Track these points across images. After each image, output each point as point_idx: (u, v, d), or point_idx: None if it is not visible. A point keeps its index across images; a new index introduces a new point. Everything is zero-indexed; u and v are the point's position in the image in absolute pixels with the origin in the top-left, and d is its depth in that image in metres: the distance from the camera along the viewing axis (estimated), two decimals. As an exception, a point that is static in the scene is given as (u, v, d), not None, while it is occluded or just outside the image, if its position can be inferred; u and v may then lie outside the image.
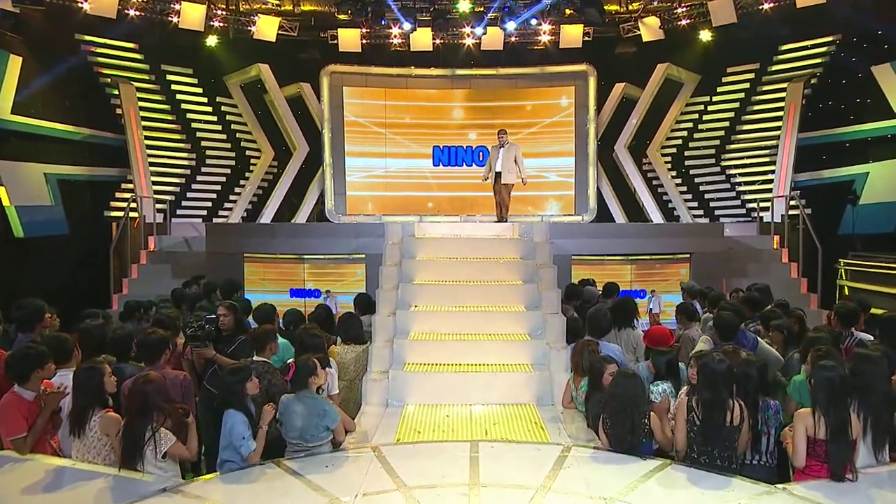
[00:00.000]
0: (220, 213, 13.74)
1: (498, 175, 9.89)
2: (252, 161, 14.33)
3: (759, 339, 5.26)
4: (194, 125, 13.74)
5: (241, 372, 4.13)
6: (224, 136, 14.09)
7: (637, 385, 4.07)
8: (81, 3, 11.97)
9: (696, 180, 14.08)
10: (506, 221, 9.69)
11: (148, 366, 4.49)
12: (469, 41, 14.24)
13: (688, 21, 13.54)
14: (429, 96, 14.40)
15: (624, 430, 4.06)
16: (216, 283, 7.45)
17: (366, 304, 6.93)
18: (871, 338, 5.23)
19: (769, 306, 6.41)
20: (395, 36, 14.14)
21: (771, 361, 4.80)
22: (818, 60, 12.73)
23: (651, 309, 9.19)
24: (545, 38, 14.19)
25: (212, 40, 13.71)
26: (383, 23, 13.56)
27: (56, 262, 10.78)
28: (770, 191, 12.55)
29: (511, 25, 13.31)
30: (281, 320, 6.18)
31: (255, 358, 4.75)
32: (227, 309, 5.49)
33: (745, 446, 3.95)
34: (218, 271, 9.09)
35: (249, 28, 13.75)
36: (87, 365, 4.04)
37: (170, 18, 13.05)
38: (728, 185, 13.63)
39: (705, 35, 13.61)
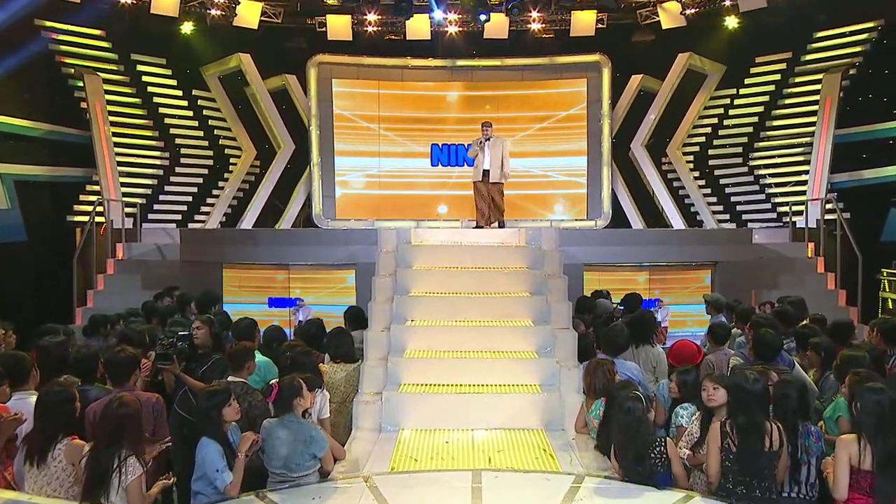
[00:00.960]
0: (196, 217, 13.74)
1: (486, 174, 9.86)
2: (232, 160, 14.35)
3: (795, 361, 5.24)
4: (168, 121, 13.77)
5: (219, 395, 4.09)
6: (201, 133, 14.11)
7: (637, 408, 4.04)
8: (42, -16, 12.02)
9: (722, 182, 14.10)
10: (503, 227, 9.70)
11: (116, 388, 4.45)
12: (450, 28, 14.31)
13: (712, 6, 13.59)
14: (426, 89, 14.44)
15: (628, 460, 4.04)
16: (191, 296, 7.43)
17: (357, 318, 6.91)
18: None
19: (804, 321, 6.40)
20: (384, 23, 14.23)
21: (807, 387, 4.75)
22: (857, 49, 12.76)
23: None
24: (554, 27, 14.27)
25: (187, 27, 13.76)
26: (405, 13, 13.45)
27: (12, 272, 10.76)
28: (804, 193, 12.58)
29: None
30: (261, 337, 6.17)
31: (231, 378, 4.72)
32: (203, 322, 5.47)
33: (784, 475, 3.92)
34: (193, 282, 9.08)
35: (229, 14, 13.81)
36: (58, 388, 4.00)
37: (141, 3, 13.09)
38: (757, 187, 13.65)
39: (731, 21, 13.67)
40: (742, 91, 14.15)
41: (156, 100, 13.72)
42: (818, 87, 12.96)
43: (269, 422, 4.21)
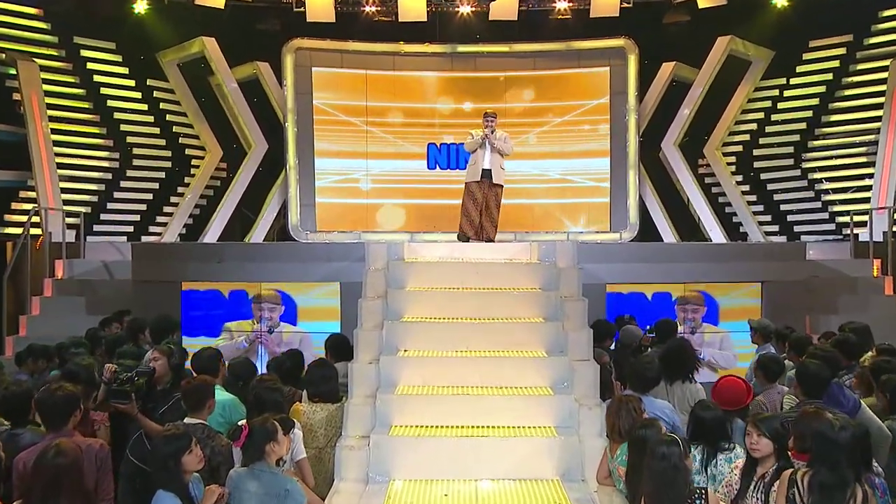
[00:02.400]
0: (151, 230, 13.77)
1: (486, 174, 9.82)
2: (193, 162, 14.40)
3: (861, 401, 5.22)
4: (117, 116, 13.84)
5: (178, 440, 4.07)
6: (156, 130, 14.17)
7: (673, 454, 4.03)
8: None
9: (770, 187, 14.15)
10: (492, 241, 9.73)
11: (52, 432, 4.43)
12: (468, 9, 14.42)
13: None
14: (423, 79, 14.53)
15: None
16: (144, 322, 7.42)
17: (340, 347, 6.90)
18: None
19: (869, 352, 6.39)
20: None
21: (873, 432, 4.71)
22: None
23: None
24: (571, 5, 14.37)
25: (141, 6, 13.86)
26: None
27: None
28: (868, 200, 12.60)
29: None
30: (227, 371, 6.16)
31: (188, 420, 4.72)
32: (161, 353, 5.47)
33: None
34: (147, 306, 9.06)
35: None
36: None
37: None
38: (811, 194, 13.69)
39: (780, -1, 13.80)
40: (793, 81, 14.23)
41: (103, 91, 13.80)
42: (884, 75, 12.99)
43: (237, 472, 4.20)
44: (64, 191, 12.67)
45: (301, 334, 9.73)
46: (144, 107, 14.13)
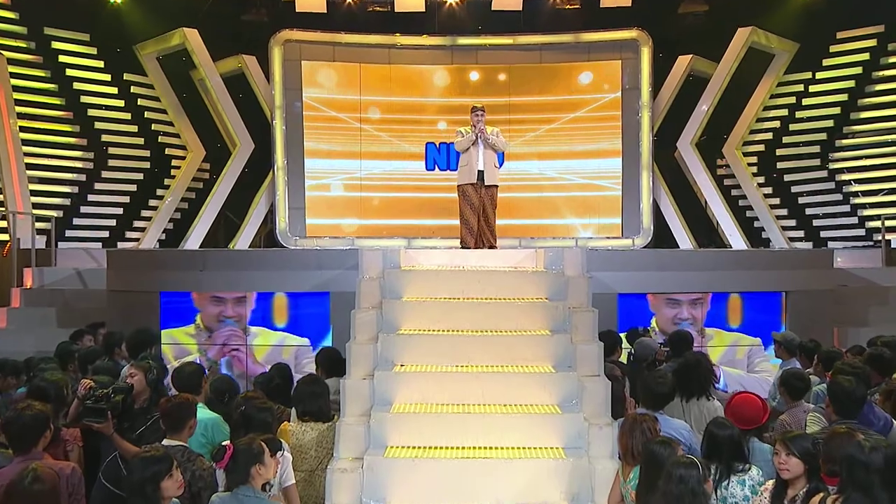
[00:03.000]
0: (128, 235, 13.79)
1: (480, 176, 9.71)
2: (174, 163, 14.42)
3: (893, 419, 5.22)
4: (92, 112, 13.88)
5: (157, 464, 4.06)
6: (134, 128, 14.19)
7: (691, 477, 4.01)
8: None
9: (794, 189, 14.17)
10: (494, 247, 9.71)
11: (20, 455, 4.42)
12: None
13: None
14: (420, 74, 14.56)
15: None
16: (121, 335, 7.41)
17: (332, 362, 6.89)
18: None
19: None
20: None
21: None
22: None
23: None
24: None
25: (118, -5, 13.92)
26: None
27: None
28: (900, 203, 12.69)
29: None
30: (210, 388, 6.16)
31: (166, 442, 4.71)
32: (139, 369, 5.45)
33: None
34: (123, 318, 9.06)
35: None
36: None
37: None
38: (839, 196, 13.72)
39: (806, -13, 13.85)
40: (820, 75, 14.27)
41: (77, 86, 13.83)
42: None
43: (220, 497, 4.19)
44: (34, 193, 12.68)
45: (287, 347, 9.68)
46: (121, 103, 14.15)
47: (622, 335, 8.35)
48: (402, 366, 6.54)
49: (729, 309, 9.81)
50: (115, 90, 14.12)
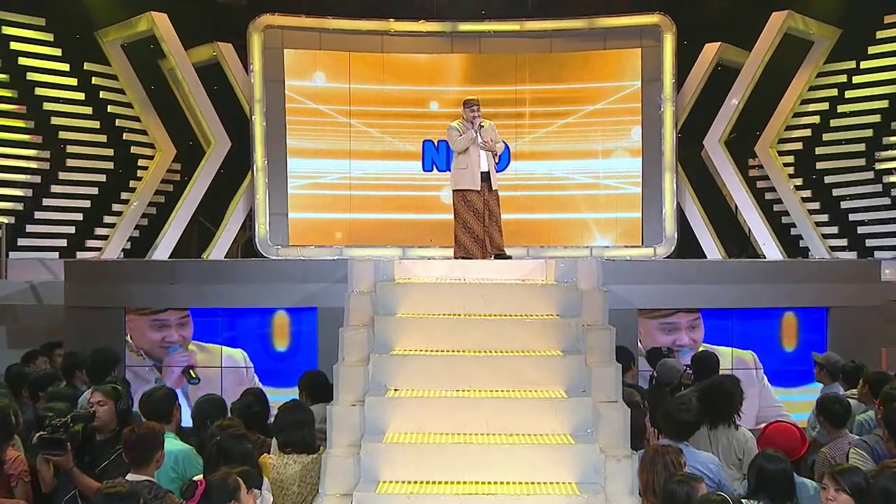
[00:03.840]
0: (89, 244, 13.79)
1: (484, 178, 9.69)
2: (140, 163, 14.42)
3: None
4: (48, 106, 13.91)
5: (123, 501, 4.07)
6: (96, 124, 14.21)
7: None
8: None
9: (836, 192, 14.18)
10: (506, 256, 9.71)
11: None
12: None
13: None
14: (417, 64, 14.62)
15: None
16: (80, 357, 7.42)
17: (317, 387, 6.91)
18: None
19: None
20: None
21: None
22: None
23: None
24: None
25: (78, -25, 13.96)
26: None
27: None
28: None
29: None
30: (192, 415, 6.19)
31: (131, 476, 4.72)
32: (106, 396, 5.47)
33: None
34: (83, 337, 9.08)
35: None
36: None
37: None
38: (887, 201, 13.75)
39: (848, -34, 13.88)
40: (864, 64, 14.28)
41: (31, 76, 13.85)
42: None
43: (190, 537, 4.21)
44: (-17, 197, 12.76)
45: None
46: (81, 96, 14.17)
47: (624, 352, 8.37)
48: (396, 390, 6.53)
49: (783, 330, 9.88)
50: (74, 81, 14.13)
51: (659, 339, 9.63)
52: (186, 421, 6.29)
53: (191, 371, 9.83)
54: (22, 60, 13.80)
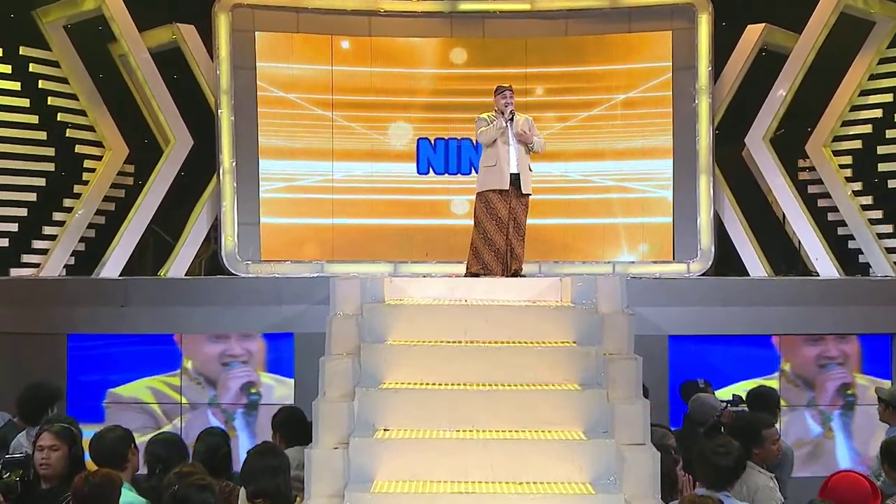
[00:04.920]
0: (24, 259, 13.76)
1: (514, 180, 9.60)
2: (87, 164, 14.41)
3: None
4: (-23, 98, 13.94)
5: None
6: (34, 119, 14.17)
7: None
8: None
9: (903, 199, 14.21)
10: (521, 275, 9.70)
11: None
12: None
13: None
14: (411, 51, 14.68)
15: None
16: (20, 392, 7.42)
17: (293, 426, 6.93)
18: None
19: None
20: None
21: None
22: None
23: None
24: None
25: (13, -55, 13.99)
26: None
27: None
28: None
29: None
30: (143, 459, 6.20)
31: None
32: (59, 438, 5.45)
33: None
34: (16, 368, 9.09)
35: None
36: None
37: None
38: (965, 209, 13.79)
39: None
40: (935, 50, 14.33)
41: (-43, 64, 13.90)
42: None
43: None
44: None
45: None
46: (16, 85, 14.13)
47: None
48: (386, 430, 6.55)
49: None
50: (7, 68, 14.09)
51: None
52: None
53: (251, 385, 9.88)
54: (-53, 45, 13.89)
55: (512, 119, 9.55)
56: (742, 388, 9.35)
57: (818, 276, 13.56)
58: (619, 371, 6.98)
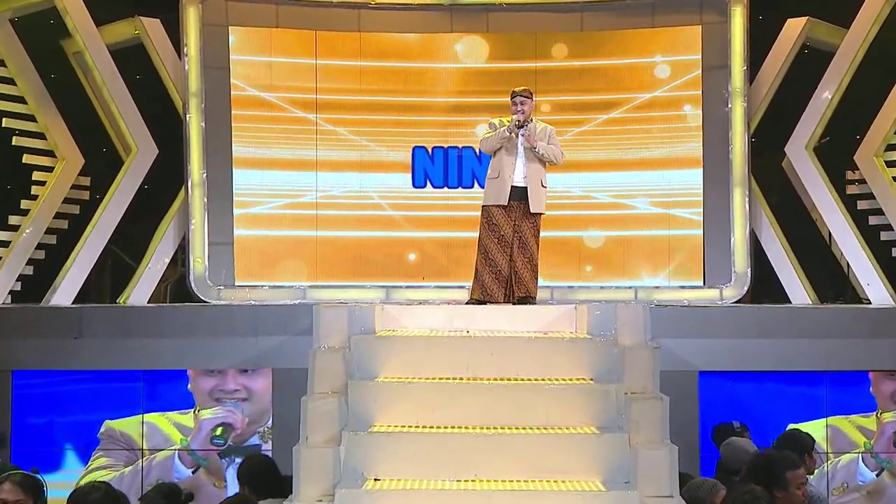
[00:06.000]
0: (-34, 284, 13.81)
1: (517, 194, 9.63)
2: (36, 176, 14.42)
3: None
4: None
5: None
6: (-23, 125, 14.26)
7: None
8: None
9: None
10: (533, 301, 9.70)
11: None
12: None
13: None
14: (406, 49, 14.74)
15: None
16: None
17: (264, 476, 6.92)
18: None
19: None
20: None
21: None
22: None
23: None
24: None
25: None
26: None
27: None
28: None
29: None
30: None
31: None
32: (20, 489, 5.45)
33: None
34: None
35: None
36: None
37: None
38: None
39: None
40: None
41: None
42: None
43: None
44: None
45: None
46: (-43, 87, 14.26)
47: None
48: (377, 480, 6.55)
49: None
50: (-52, 68, 14.23)
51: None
52: None
53: (220, 428, 9.86)
54: None
55: (522, 127, 9.58)
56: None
57: (869, 303, 13.55)
58: (642, 412, 6.98)
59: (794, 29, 14.51)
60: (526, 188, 9.61)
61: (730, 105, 14.23)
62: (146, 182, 14.39)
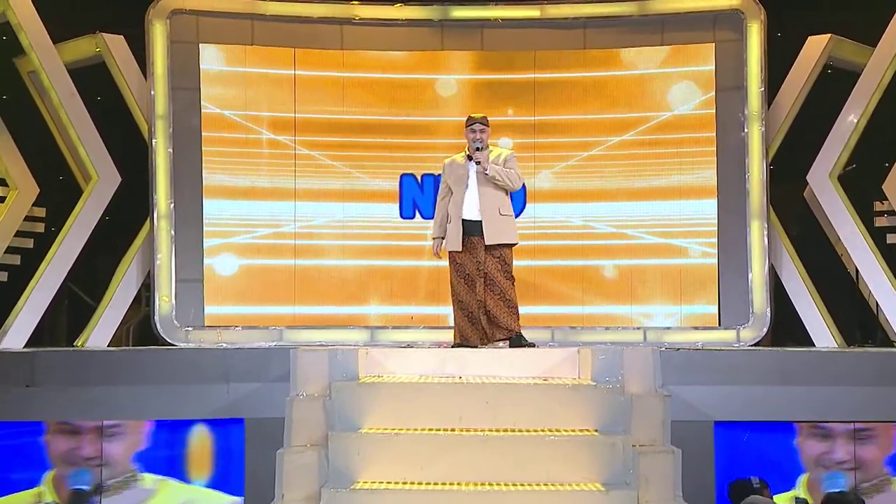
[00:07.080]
0: None
1: (474, 229, 9.77)
2: (-13, 207, 14.47)
3: None
4: None
5: None
6: (-78, 150, 14.26)
7: None
8: None
9: None
10: (524, 344, 9.67)
11: None
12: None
13: None
14: (392, 66, 14.78)
15: None
16: None
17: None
18: None
19: None
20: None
21: None
22: None
23: None
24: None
25: None
26: None
27: None
28: None
29: None
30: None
31: None
32: None
33: None
34: None
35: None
36: None
37: None
38: None
39: None
40: None
41: None
42: None
43: None
44: None
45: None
46: None
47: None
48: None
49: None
50: None
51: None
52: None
53: (78, 491, 9.79)
54: None
55: (478, 150, 9.82)
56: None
57: (902, 346, 13.57)
58: (652, 467, 6.98)
59: (815, 47, 14.56)
60: (480, 221, 9.77)
61: (746, 129, 14.26)
62: (107, 213, 14.38)
